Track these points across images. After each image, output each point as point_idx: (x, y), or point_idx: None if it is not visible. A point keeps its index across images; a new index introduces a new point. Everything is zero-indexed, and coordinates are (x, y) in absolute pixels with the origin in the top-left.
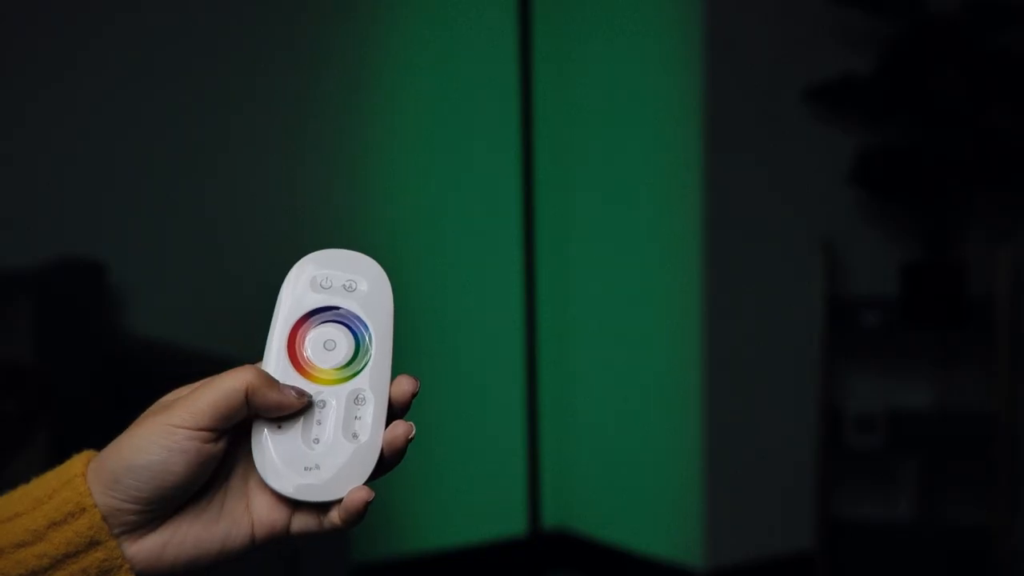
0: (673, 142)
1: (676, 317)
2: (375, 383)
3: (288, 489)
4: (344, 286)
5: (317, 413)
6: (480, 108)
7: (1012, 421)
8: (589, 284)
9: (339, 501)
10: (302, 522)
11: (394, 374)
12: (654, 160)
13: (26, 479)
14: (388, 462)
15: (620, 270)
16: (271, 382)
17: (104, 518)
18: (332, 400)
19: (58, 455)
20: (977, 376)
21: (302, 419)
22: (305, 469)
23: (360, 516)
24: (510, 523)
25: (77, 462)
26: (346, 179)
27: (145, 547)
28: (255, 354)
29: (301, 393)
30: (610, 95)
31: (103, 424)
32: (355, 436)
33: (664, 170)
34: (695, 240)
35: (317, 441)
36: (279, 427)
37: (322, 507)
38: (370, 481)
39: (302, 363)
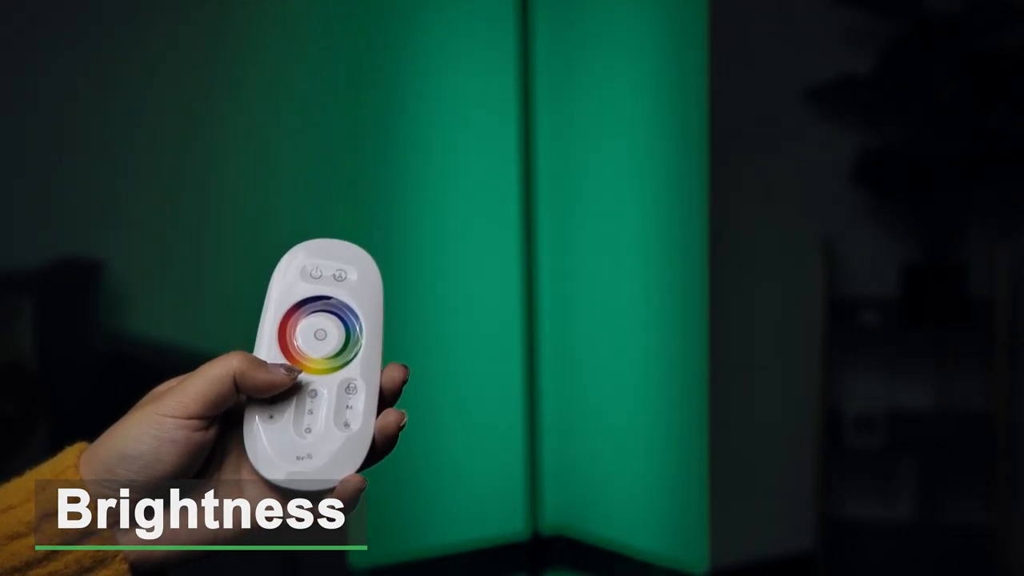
0: (674, 141)
1: (677, 317)
2: (366, 372)
3: (280, 478)
4: (334, 276)
5: (308, 402)
6: (481, 104)
7: (1011, 421)
8: (590, 283)
9: (332, 489)
10: (295, 511)
11: (386, 364)
12: (655, 160)
13: (22, 473)
14: (380, 450)
15: (621, 270)
16: (258, 363)
17: (97, 508)
18: (323, 389)
19: (57, 453)
20: (977, 376)
21: (294, 408)
22: (297, 458)
23: (353, 504)
24: (510, 525)
25: (70, 453)
26: (346, 178)
27: (138, 537)
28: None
29: (290, 370)
30: (611, 95)
31: (103, 424)
32: (347, 425)
33: (665, 170)
34: (696, 240)
35: (309, 430)
36: (271, 417)
37: (315, 496)
38: (362, 469)
39: (293, 353)
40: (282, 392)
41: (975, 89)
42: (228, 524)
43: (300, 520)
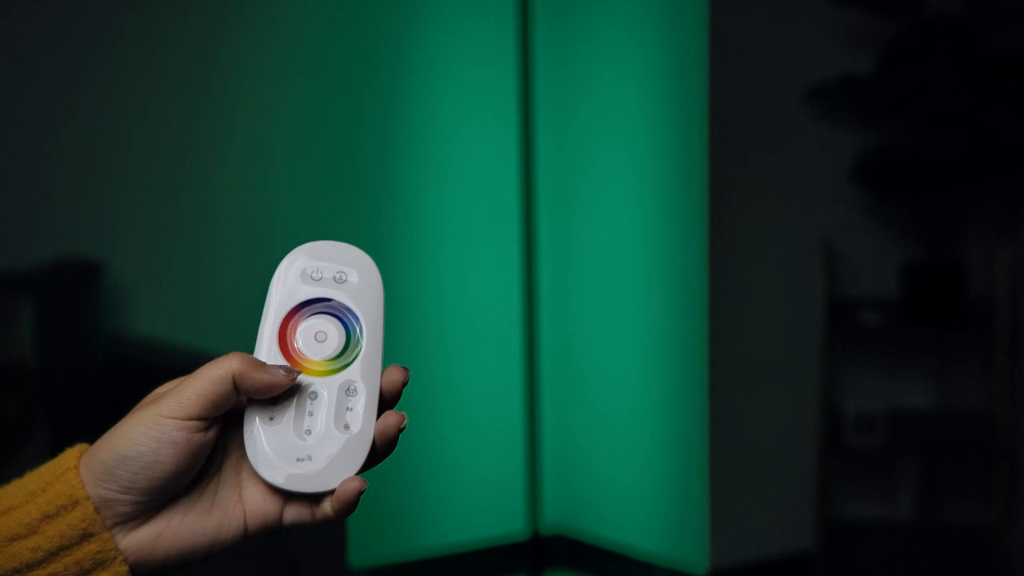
0: (674, 142)
1: (677, 316)
2: (366, 374)
3: (280, 480)
4: (334, 278)
5: (309, 404)
6: (481, 104)
7: (1012, 421)
8: (590, 283)
9: (331, 492)
10: (294, 513)
11: (387, 367)
12: (655, 160)
13: (22, 475)
14: (380, 452)
15: (621, 270)
16: (258, 364)
17: (97, 510)
18: (323, 391)
19: (57, 455)
20: (977, 376)
21: (294, 410)
22: (297, 460)
23: (352, 506)
24: (510, 524)
25: (70, 455)
26: (347, 180)
27: (138, 539)
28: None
29: (289, 371)
30: (611, 95)
31: (103, 424)
32: (347, 427)
33: (665, 170)
34: (696, 240)
35: (309, 432)
36: (271, 418)
37: (314, 498)
38: (362, 471)
39: (293, 355)
40: (282, 394)
41: (975, 89)
42: (228, 526)
43: (299, 521)
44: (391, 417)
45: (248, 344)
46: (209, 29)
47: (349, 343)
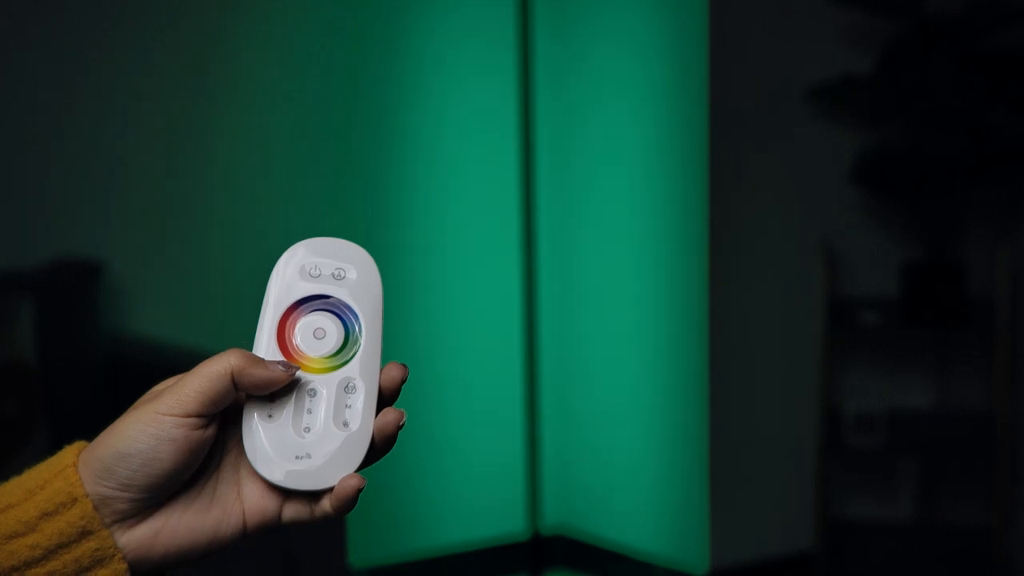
0: (674, 141)
1: (677, 316)
2: (365, 371)
3: (279, 477)
4: (333, 274)
5: (308, 402)
6: (481, 103)
7: (1012, 421)
8: (590, 283)
9: (330, 489)
10: (293, 510)
11: (386, 364)
12: (655, 160)
13: (21, 473)
14: (379, 450)
15: (621, 270)
16: (256, 360)
17: (95, 508)
18: (322, 389)
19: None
20: (977, 376)
21: (293, 408)
22: (296, 458)
23: (352, 503)
24: (510, 523)
25: (68, 453)
26: (346, 177)
27: (137, 536)
28: None
29: (288, 366)
30: (611, 95)
31: (102, 424)
32: (346, 424)
33: (665, 170)
34: (696, 240)
35: (308, 430)
36: (270, 416)
37: (313, 495)
38: (361, 469)
39: (292, 352)
40: (281, 391)
41: (975, 89)
42: (227, 523)
43: (298, 519)
44: (390, 414)
45: (248, 343)
46: (209, 29)
47: (348, 340)
